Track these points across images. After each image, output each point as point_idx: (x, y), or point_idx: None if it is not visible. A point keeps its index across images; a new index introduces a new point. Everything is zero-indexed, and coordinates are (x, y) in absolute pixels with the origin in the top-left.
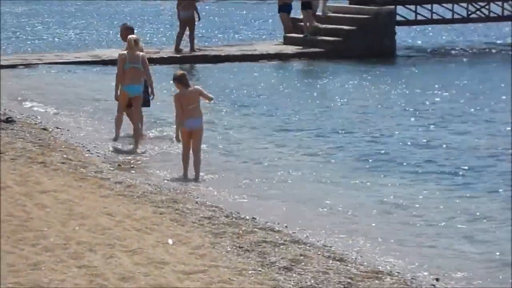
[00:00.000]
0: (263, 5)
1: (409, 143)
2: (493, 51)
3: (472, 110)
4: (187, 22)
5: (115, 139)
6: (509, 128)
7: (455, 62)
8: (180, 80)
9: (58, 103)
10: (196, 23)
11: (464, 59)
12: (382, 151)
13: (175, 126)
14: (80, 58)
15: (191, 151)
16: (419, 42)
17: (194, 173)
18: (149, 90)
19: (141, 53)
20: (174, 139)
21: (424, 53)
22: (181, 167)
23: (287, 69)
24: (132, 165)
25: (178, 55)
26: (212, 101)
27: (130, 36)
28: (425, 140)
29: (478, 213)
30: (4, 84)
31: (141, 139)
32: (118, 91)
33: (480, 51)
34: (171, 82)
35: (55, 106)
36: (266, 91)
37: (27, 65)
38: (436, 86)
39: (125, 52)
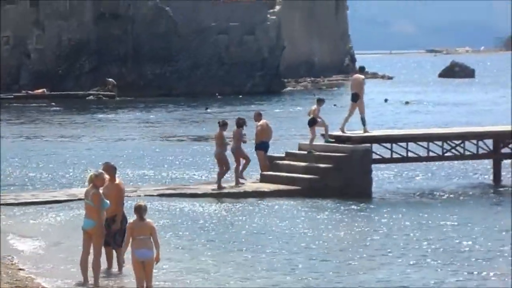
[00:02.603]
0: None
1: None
2: (470, 191)
3: (452, 252)
4: (220, 159)
5: (83, 283)
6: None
7: (432, 201)
8: (136, 210)
9: (36, 244)
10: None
11: (441, 199)
12: None
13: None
14: (57, 197)
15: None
16: (395, 180)
17: None
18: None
19: (93, 190)
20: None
21: (400, 192)
22: None
23: (263, 208)
24: None
25: (168, 192)
26: (158, 250)
27: (91, 173)
28: (401, 283)
29: None
30: None
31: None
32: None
33: (457, 191)
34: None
35: (32, 248)
36: (242, 231)
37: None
38: (413, 227)
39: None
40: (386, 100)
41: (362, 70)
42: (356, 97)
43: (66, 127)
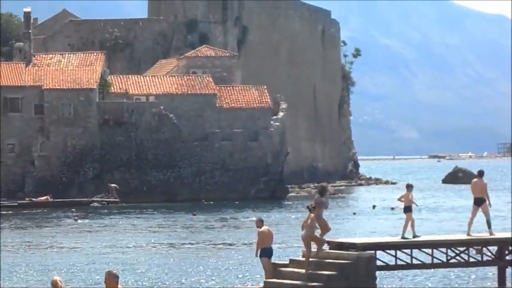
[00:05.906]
0: (244, 248)
1: None
2: None
3: None
4: (308, 242)
5: None
6: None
7: None
8: None
9: None
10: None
11: None
12: None
13: None
14: None
15: None
16: (401, 286)
17: None
18: None
19: None
20: None
21: None
22: None
23: None
24: None
25: None
26: None
27: (53, 278)
28: None
29: None
30: None
31: None
32: None
33: None
34: None
35: None
36: None
37: None
38: None
39: None
40: (374, 207)
41: (481, 174)
42: (480, 201)
43: (70, 235)
